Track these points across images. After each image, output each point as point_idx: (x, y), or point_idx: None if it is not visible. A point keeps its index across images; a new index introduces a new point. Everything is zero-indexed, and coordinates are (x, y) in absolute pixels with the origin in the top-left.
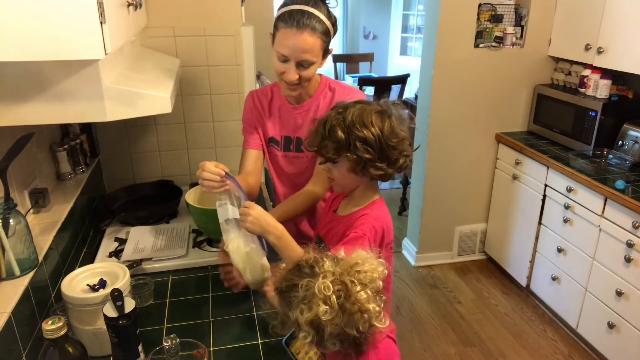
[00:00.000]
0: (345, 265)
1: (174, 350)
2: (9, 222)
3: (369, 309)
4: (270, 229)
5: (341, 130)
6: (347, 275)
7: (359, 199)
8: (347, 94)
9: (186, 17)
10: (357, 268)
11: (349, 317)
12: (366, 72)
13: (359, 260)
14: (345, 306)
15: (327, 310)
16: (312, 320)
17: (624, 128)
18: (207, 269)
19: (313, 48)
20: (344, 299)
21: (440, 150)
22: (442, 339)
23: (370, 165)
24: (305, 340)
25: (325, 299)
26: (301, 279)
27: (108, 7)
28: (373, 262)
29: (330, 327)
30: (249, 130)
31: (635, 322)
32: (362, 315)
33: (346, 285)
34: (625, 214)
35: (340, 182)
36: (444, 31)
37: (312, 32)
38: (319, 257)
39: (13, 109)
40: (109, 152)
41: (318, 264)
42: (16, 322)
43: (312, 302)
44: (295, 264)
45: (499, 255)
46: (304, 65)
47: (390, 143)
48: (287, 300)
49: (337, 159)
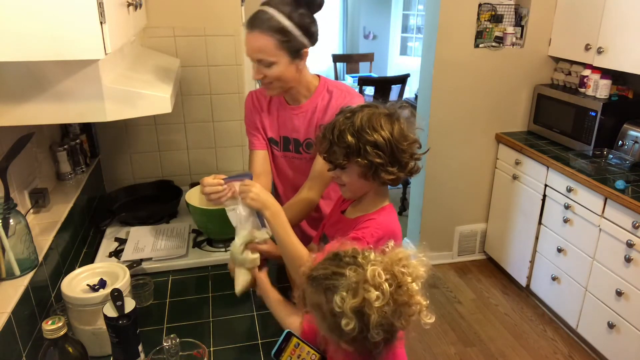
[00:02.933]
0: (393, 258)
1: (174, 350)
2: (9, 222)
3: (419, 302)
4: (269, 205)
5: (350, 135)
6: (396, 266)
7: (367, 204)
8: (345, 97)
9: (186, 17)
10: (404, 262)
11: (397, 307)
12: (366, 72)
13: (402, 256)
14: (395, 296)
15: (379, 296)
16: (358, 307)
17: (624, 128)
18: (207, 269)
19: (264, 47)
20: (395, 288)
21: (440, 150)
22: (442, 339)
23: (381, 169)
24: (347, 328)
25: (377, 285)
26: (342, 267)
27: (108, 7)
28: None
29: (377, 315)
30: (252, 131)
31: (635, 322)
32: (410, 308)
33: (396, 276)
34: (625, 214)
35: (351, 187)
36: (444, 31)
37: (261, 31)
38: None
39: (13, 109)
40: (109, 152)
41: (361, 254)
42: (16, 322)
43: (359, 289)
44: (333, 254)
45: (499, 255)
46: (263, 64)
47: (400, 146)
48: (321, 287)
49: (346, 164)
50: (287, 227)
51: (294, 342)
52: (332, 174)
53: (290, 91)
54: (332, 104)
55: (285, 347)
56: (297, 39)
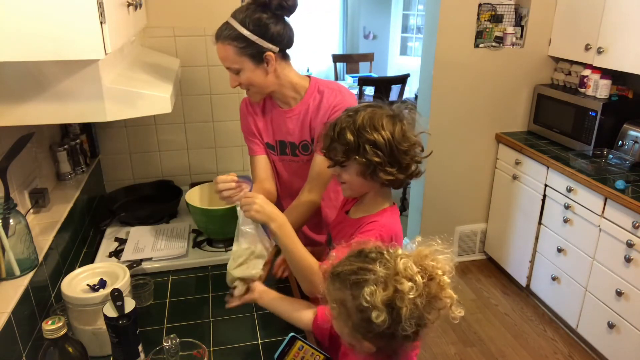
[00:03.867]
0: (420, 254)
1: (174, 350)
2: (9, 222)
3: (450, 295)
4: (274, 217)
5: (350, 132)
6: (426, 260)
7: (369, 205)
8: (336, 96)
9: (186, 17)
10: (432, 257)
11: (429, 300)
12: (366, 72)
13: (427, 252)
14: (427, 288)
15: (412, 287)
16: (389, 299)
17: (624, 128)
18: (207, 269)
19: (226, 55)
20: (427, 280)
21: (440, 150)
22: (442, 339)
23: (380, 169)
24: (378, 320)
25: (409, 276)
26: (369, 263)
27: (108, 7)
28: (442, 257)
29: (409, 307)
30: (249, 137)
31: (635, 322)
32: (441, 300)
33: (427, 268)
34: (625, 214)
35: (350, 186)
36: (444, 31)
37: (222, 41)
38: (382, 246)
39: (13, 109)
40: (109, 152)
41: (386, 250)
42: (16, 322)
43: (390, 281)
44: (357, 251)
45: (499, 255)
46: (232, 71)
47: (401, 147)
48: (347, 283)
49: (345, 162)
50: (294, 238)
51: (298, 345)
52: (332, 171)
53: (275, 95)
54: (324, 104)
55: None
56: (256, 44)
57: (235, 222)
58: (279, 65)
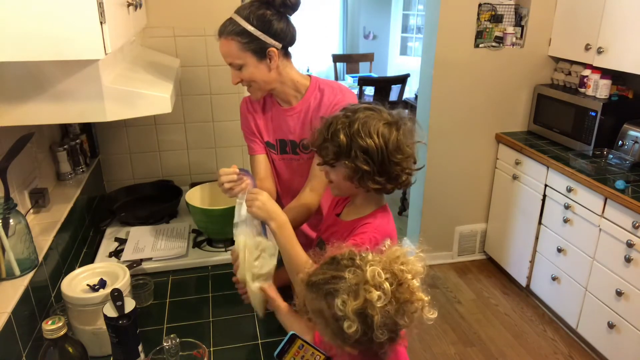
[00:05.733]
0: (391, 256)
1: (174, 350)
2: (9, 222)
3: (421, 298)
4: (275, 216)
5: (344, 135)
6: (395, 265)
7: (361, 207)
8: (337, 94)
9: (186, 17)
10: (402, 260)
11: (400, 305)
12: (366, 72)
13: (399, 254)
14: (396, 294)
15: (381, 296)
16: (360, 309)
17: (624, 128)
18: (207, 269)
19: (230, 51)
20: (396, 286)
21: (440, 150)
22: (442, 339)
23: (367, 177)
24: (350, 330)
25: (377, 285)
26: (340, 270)
27: (108, 7)
28: (413, 257)
29: (380, 315)
30: (249, 137)
31: (635, 322)
32: (412, 304)
33: (396, 274)
34: (625, 214)
35: (337, 186)
36: (444, 31)
37: (226, 36)
38: (356, 250)
39: (13, 109)
40: (109, 152)
41: (358, 256)
42: (16, 322)
43: (360, 290)
44: (330, 258)
45: (499, 255)
46: (234, 67)
47: (393, 158)
48: (321, 292)
49: (335, 163)
50: (293, 239)
51: (298, 344)
52: (321, 168)
53: (276, 92)
54: (324, 102)
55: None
56: (259, 39)
57: None
58: (281, 62)
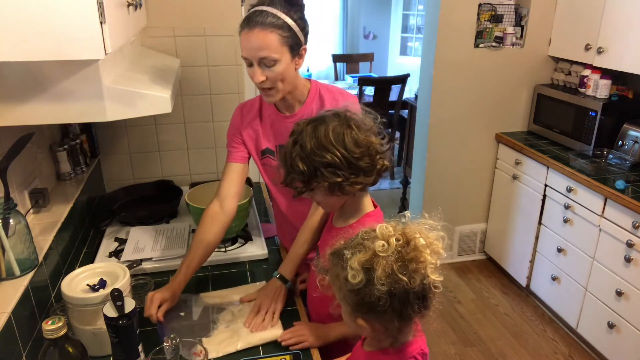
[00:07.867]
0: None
1: (174, 350)
2: (9, 222)
3: (426, 258)
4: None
5: (301, 161)
6: (409, 230)
7: (352, 211)
8: (336, 100)
9: (186, 17)
10: (420, 228)
11: (403, 261)
12: (366, 72)
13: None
14: (401, 251)
15: (384, 244)
16: (365, 261)
17: (624, 128)
18: (207, 269)
19: (268, 44)
20: (402, 243)
21: (440, 150)
22: (442, 339)
23: (345, 184)
24: (354, 281)
25: (384, 237)
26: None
27: (108, 7)
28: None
29: (381, 266)
30: (234, 144)
31: (635, 322)
32: (417, 264)
33: (406, 235)
34: (625, 214)
35: (325, 204)
36: (444, 31)
37: (263, 28)
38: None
39: (13, 109)
40: (109, 152)
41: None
42: (16, 322)
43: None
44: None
45: (499, 255)
46: (266, 64)
47: (357, 156)
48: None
49: (308, 188)
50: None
51: None
52: (304, 195)
53: (286, 97)
54: (325, 108)
55: None
56: (297, 36)
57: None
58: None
